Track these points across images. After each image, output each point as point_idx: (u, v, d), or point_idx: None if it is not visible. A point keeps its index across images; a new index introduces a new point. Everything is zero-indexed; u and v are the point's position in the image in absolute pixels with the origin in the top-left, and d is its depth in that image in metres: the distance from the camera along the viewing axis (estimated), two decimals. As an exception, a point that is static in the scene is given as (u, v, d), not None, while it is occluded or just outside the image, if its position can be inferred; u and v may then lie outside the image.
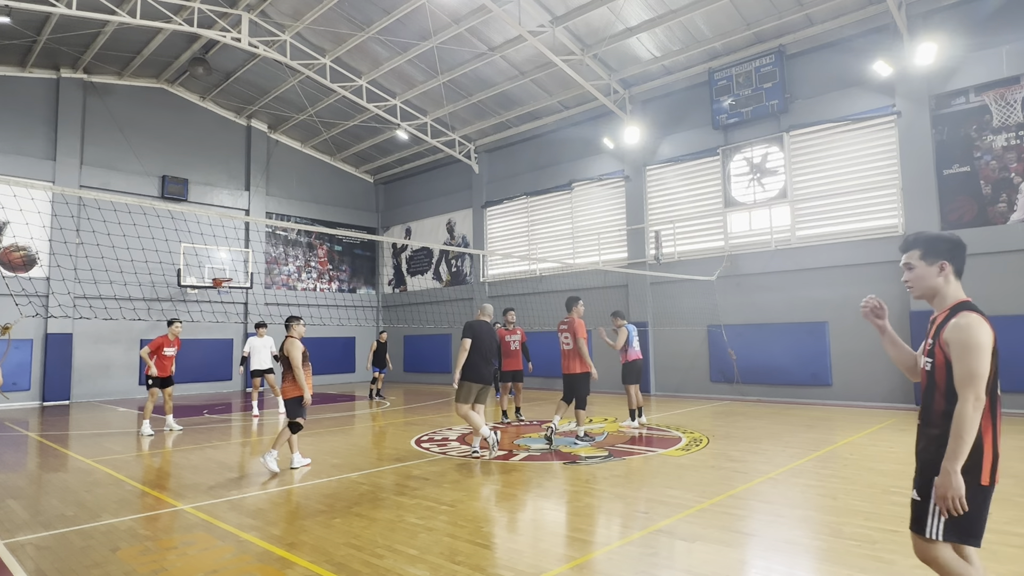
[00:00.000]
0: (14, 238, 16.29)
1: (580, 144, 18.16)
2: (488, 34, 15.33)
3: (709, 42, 14.50)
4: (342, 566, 4.09)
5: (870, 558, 4.03)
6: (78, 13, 12.99)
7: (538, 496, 5.95)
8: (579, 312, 9.24)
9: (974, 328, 2.53)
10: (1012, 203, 11.37)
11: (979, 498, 2.48)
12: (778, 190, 14.19)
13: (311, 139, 22.57)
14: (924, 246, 2.72)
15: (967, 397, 2.46)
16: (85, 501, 5.97)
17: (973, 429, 2.45)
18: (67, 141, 17.30)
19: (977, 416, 2.45)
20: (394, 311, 24.21)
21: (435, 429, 10.37)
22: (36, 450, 9.27)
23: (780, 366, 13.80)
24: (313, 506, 5.66)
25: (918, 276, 2.73)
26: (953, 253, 2.69)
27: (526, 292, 19.03)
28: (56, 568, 4.18)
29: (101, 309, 15.57)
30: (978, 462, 2.48)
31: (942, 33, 11.93)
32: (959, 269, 2.69)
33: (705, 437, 8.94)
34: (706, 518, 5.00)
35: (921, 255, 2.72)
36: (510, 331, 11.30)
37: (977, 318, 2.56)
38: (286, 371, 7.39)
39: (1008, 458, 7.14)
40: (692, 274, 14.82)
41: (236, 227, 20.35)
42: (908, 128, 12.40)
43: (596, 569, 4.00)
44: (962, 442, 2.44)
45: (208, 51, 16.94)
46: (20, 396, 16.04)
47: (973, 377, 2.47)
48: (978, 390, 2.46)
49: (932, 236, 2.74)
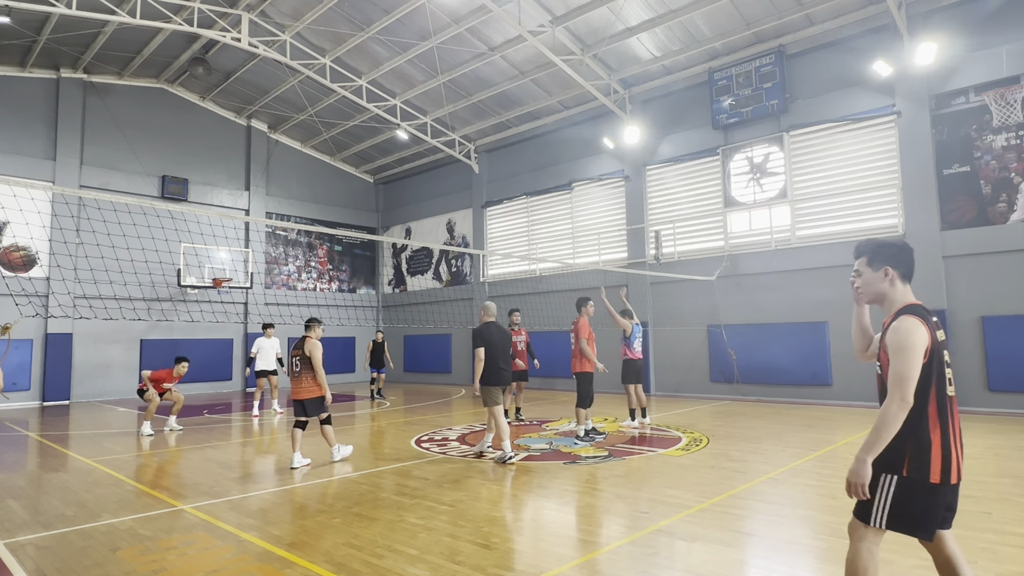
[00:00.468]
0: (14, 238, 16.29)
1: (580, 144, 18.16)
2: (488, 34, 15.33)
3: (709, 42, 14.50)
4: (342, 566, 4.09)
5: (870, 558, 4.03)
6: (78, 13, 12.99)
7: (538, 496, 5.95)
8: (588, 312, 9.23)
9: (906, 331, 2.60)
10: (1012, 203, 11.37)
11: (928, 495, 2.57)
12: (778, 190, 14.19)
13: (311, 139, 22.57)
14: (870, 253, 2.84)
15: (893, 397, 2.55)
16: (85, 501, 5.97)
17: (893, 427, 2.54)
18: (67, 141, 17.30)
19: (900, 416, 2.53)
20: (394, 311, 24.21)
21: (435, 429, 10.37)
22: (36, 450, 9.27)
23: (780, 366, 13.80)
24: (313, 506, 5.66)
25: (866, 282, 2.85)
26: (897, 259, 2.79)
27: (526, 292, 19.03)
28: (56, 568, 4.18)
29: (101, 309, 15.58)
30: (925, 461, 2.56)
31: (942, 33, 11.93)
32: (905, 274, 2.79)
33: (705, 437, 8.94)
34: (706, 518, 5.00)
35: (868, 261, 2.85)
36: (515, 332, 11.32)
37: (912, 321, 2.62)
38: (304, 371, 7.49)
39: (1008, 458, 7.14)
40: (692, 274, 14.82)
41: (236, 227, 20.35)
42: (908, 128, 12.40)
43: (596, 569, 4.00)
44: (878, 436, 2.55)
45: (208, 51, 16.94)
46: (20, 396, 16.04)
47: (901, 379, 2.54)
48: (903, 391, 2.53)
49: (878, 243, 2.86)
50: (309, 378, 7.48)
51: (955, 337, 11.70)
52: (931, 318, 2.69)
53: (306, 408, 7.54)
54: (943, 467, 2.56)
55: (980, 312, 11.47)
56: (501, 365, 7.70)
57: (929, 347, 2.60)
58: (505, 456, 7.39)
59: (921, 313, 2.67)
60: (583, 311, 9.22)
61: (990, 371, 11.26)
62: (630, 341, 10.28)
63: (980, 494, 5.49)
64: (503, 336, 7.91)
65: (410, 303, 23.57)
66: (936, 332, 2.66)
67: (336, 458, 7.72)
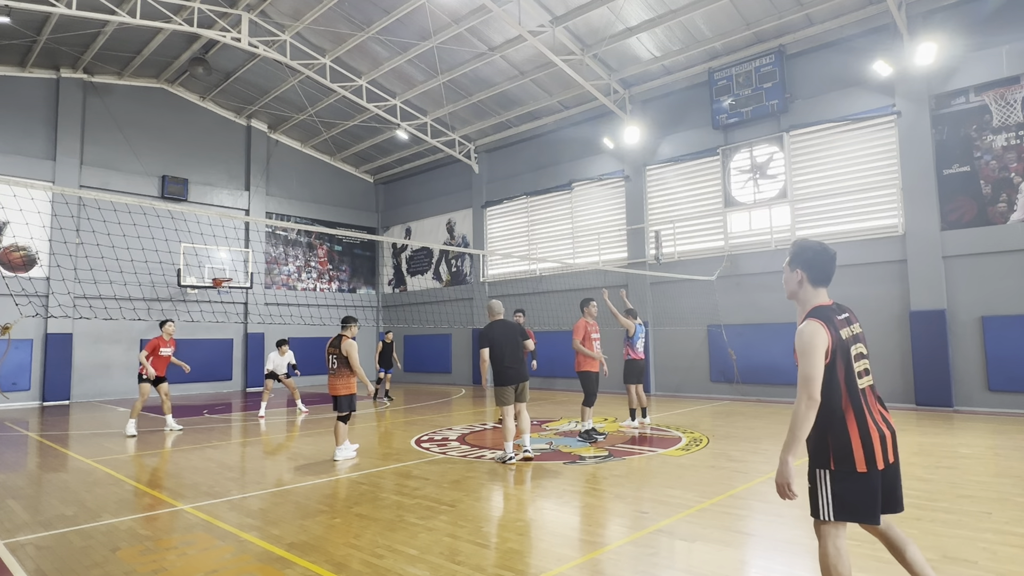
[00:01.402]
0: (14, 238, 16.29)
1: (580, 144, 18.16)
2: (488, 34, 15.33)
3: (709, 42, 14.49)
4: (342, 566, 4.09)
5: (870, 558, 4.03)
6: (78, 13, 12.99)
7: (538, 496, 5.95)
8: (590, 313, 9.18)
9: (807, 334, 2.74)
10: (1012, 203, 11.37)
11: (860, 484, 2.72)
12: (778, 190, 14.19)
13: (311, 139, 22.57)
14: (791, 254, 2.99)
15: (801, 396, 2.70)
16: (85, 501, 5.97)
17: (805, 424, 2.70)
18: (67, 141, 17.30)
19: (809, 413, 2.69)
20: (394, 311, 24.21)
21: (435, 429, 10.37)
22: (36, 450, 9.27)
23: (780, 366, 13.79)
24: (313, 506, 5.66)
25: (784, 280, 3.03)
26: (811, 263, 2.91)
27: (526, 292, 19.03)
28: (56, 568, 4.18)
29: (101, 309, 15.57)
30: (848, 453, 2.72)
31: (942, 33, 11.92)
32: (816, 278, 2.91)
33: (705, 437, 8.94)
34: (706, 518, 5.00)
35: (788, 261, 3.00)
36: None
37: (812, 325, 2.76)
38: (340, 368, 7.81)
39: (1008, 458, 7.14)
40: (692, 274, 14.82)
41: (236, 227, 20.35)
42: (908, 128, 12.40)
43: (596, 569, 4.00)
44: (793, 435, 2.71)
45: (208, 51, 16.94)
46: (20, 396, 16.04)
47: (805, 380, 2.70)
48: (809, 390, 2.68)
49: (801, 245, 2.97)
50: (345, 375, 7.80)
51: (955, 337, 11.70)
52: (836, 317, 2.83)
53: (339, 403, 7.87)
54: (866, 456, 2.71)
55: (980, 312, 11.47)
56: (507, 364, 7.51)
57: (830, 347, 2.73)
58: (505, 456, 7.39)
59: (824, 315, 2.80)
60: (585, 312, 9.21)
61: (990, 371, 11.25)
62: (633, 341, 10.27)
63: (980, 494, 5.48)
64: (510, 333, 7.62)
65: (410, 303, 23.57)
66: (841, 331, 2.79)
67: (338, 457, 7.75)
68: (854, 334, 2.86)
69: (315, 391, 18.54)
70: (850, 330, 2.85)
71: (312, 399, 15.94)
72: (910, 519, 4.78)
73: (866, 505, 2.73)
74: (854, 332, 2.86)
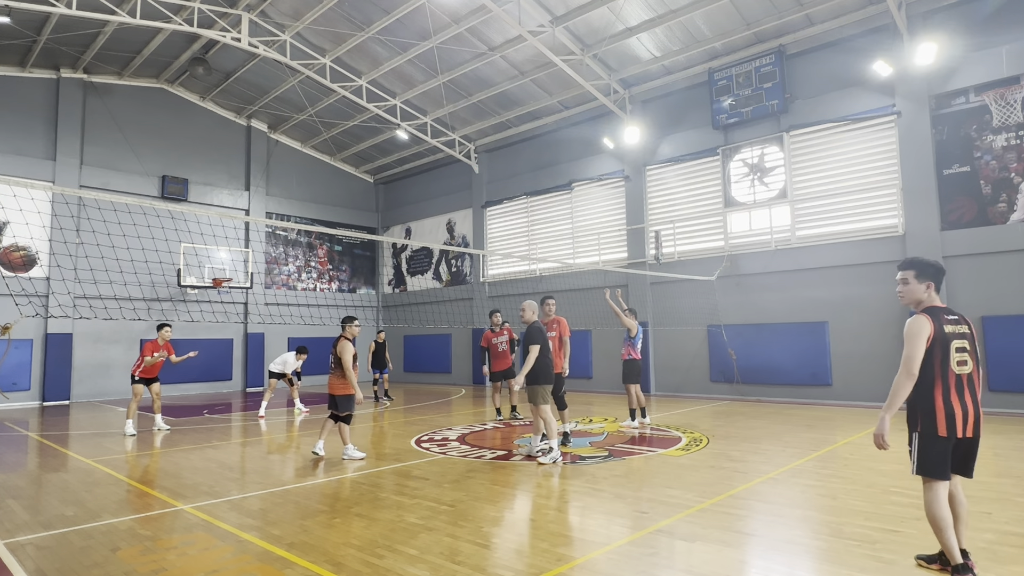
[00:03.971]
0: (14, 238, 16.29)
1: (580, 144, 18.16)
2: (488, 34, 15.33)
3: (709, 42, 14.50)
4: (342, 566, 4.09)
5: (870, 558, 4.03)
6: (78, 13, 12.99)
7: (538, 496, 5.95)
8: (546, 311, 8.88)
9: (915, 324, 3.62)
10: (1012, 203, 11.37)
11: (938, 445, 3.57)
12: (778, 190, 14.19)
13: (311, 139, 22.57)
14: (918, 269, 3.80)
15: (902, 371, 3.61)
16: (85, 501, 5.97)
17: (901, 392, 3.62)
18: (67, 141, 17.30)
19: (906, 383, 3.59)
20: (394, 311, 24.21)
21: (435, 429, 10.36)
22: (36, 450, 9.27)
23: (780, 366, 13.80)
24: (313, 506, 5.66)
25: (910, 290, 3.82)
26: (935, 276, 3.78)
27: (526, 292, 19.01)
28: (56, 568, 4.18)
29: (101, 309, 15.57)
30: (932, 419, 3.58)
31: (942, 33, 11.92)
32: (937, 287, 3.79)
33: (705, 437, 8.94)
34: (706, 518, 5.00)
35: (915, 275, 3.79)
36: (497, 332, 11.31)
37: (921, 318, 3.64)
38: (337, 368, 7.85)
39: (1008, 458, 7.15)
40: (692, 274, 14.82)
41: (236, 227, 20.35)
42: (908, 128, 12.40)
43: (596, 569, 4.00)
44: (893, 399, 3.64)
45: (208, 51, 16.94)
46: (20, 396, 16.04)
47: (907, 359, 3.60)
48: (909, 367, 3.58)
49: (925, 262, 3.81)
50: (340, 375, 7.84)
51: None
52: (944, 316, 3.65)
53: (337, 403, 7.89)
54: (948, 424, 3.54)
55: (980, 312, 11.46)
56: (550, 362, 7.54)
57: (931, 337, 3.57)
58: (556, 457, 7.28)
59: (934, 313, 3.66)
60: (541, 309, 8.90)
61: (990, 371, 11.25)
62: (635, 341, 10.26)
63: (980, 494, 5.48)
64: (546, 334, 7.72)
65: (410, 303, 23.57)
66: (945, 327, 3.61)
67: (345, 457, 7.76)
68: (959, 332, 3.63)
69: (315, 391, 18.53)
70: (955, 328, 3.63)
71: (312, 399, 15.93)
72: (910, 519, 4.79)
73: (941, 463, 3.54)
74: (959, 331, 3.64)
